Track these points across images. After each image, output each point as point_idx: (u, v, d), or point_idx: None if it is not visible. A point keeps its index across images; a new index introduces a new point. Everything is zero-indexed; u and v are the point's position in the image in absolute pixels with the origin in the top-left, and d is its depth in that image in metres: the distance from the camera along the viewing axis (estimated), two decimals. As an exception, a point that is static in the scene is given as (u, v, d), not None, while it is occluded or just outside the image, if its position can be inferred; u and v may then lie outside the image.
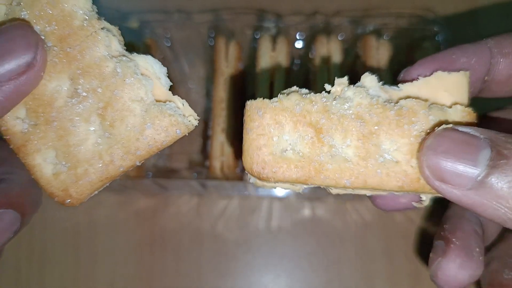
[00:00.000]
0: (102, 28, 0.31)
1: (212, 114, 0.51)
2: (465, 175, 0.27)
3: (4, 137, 0.32)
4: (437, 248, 0.35)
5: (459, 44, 0.36)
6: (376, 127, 0.30)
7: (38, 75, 0.30)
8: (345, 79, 0.31)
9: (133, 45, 0.55)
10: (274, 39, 0.55)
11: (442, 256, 0.33)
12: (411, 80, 0.32)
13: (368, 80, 0.31)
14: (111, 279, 0.63)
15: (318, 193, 0.59)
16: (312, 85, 0.53)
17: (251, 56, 0.62)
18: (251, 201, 0.66)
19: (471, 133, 0.28)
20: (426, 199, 0.33)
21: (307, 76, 0.58)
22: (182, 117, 0.30)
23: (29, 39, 0.29)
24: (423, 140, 0.30)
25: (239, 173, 0.54)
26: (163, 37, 0.61)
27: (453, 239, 0.34)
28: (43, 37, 0.31)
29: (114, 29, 0.32)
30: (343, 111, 0.30)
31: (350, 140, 0.29)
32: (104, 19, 0.31)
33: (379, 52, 0.54)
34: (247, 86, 0.64)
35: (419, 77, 0.32)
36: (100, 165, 0.31)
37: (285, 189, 0.32)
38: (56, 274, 0.63)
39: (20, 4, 0.31)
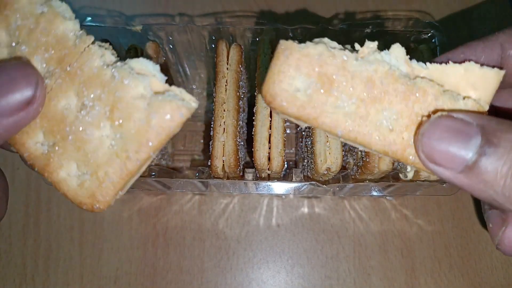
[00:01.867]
0: (93, 43, 0.33)
1: (214, 115, 0.52)
2: (456, 160, 0.29)
3: (28, 162, 0.34)
4: (493, 217, 0.35)
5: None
6: (382, 94, 0.32)
7: (37, 110, 0.32)
8: (374, 44, 0.33)
9: (135, 48, 0.56)
10: (273, 42, 0.56)
11: (504, 224, 0.34)
12: (441, 63, 0.33)
13: (397, 50, 0.33)
14: (115, 276, 0.64)
15: (316, 192, 0.61)
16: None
17: (252, 58, 0.63)
18: (251, 199, 0.67)
19: (464, 119, 0.29)
20: (410, 171, 0.35)
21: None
22: (182, 101, 0.32)
23: (29, 78, 0.31)
24: (420, 125, 0.31)
25: (240, 173, 0.56)
26: (165, 40, 0.62)
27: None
28: (44, 65, 0.33)
29: (105, 44, 0.34)
30: (358, 71, 0.32)
31: (355, 99, 0.32)
32: (94, 37, 0.34)
33: None
34: (248, 88, 0.65)
35: (450, 61, 0.33)
36: (118, 163, 0.33)
37: (290, 121, 0.35)
38: (61, 270, 0.64)
39: (19, 43, 0.33)
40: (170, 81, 0.33)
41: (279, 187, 0.53)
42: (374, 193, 0.54)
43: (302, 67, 0.32)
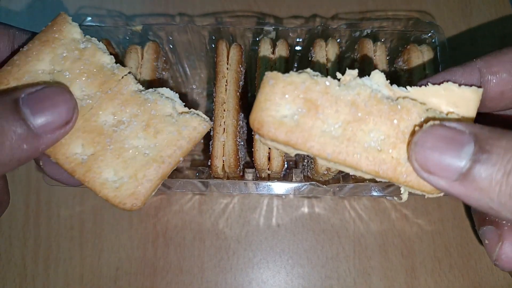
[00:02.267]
0: (128, 73, 0.42)
1: (214, 115, 0.52)
2: (450, 168, 0.29)
3: (68, 170, 0.40)
4: (489, 233, 0.35)
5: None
6: (367, 116, 0.33)
7: (71, 128, 0.38)
8: (355, 72, 0.34)
9: (136, 48, 0.56)
10: (274, 42, 0.56)
11: (500, 240, 0.34)
12: (420, 86, 0.34)
13: (377, 76, 0.34)
14: (115, 276, 0.64)
15: (316, 192, 0.61)
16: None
17: (252, 58, 0.63)
18: (251, 199, 0.67)
19: (457, 128, 0.30)
20: (404, 193, 0.35)
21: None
22: (201, 118, 0.42)
23: (68, 104, 0.37)
24: (412, 135, 0.32)
25: (240, 173, 0.55)
26: (165, 40, 0.62)
27: (503, 222, 0.35)
28: (83, 88, 0.40)
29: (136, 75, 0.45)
30: (342, 96, 0.33)
31: (341, 122, 0.33)
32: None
33: (376, 55, 0.55)
34: (248, 88, 0.65)
35: (429, 83, 0.34)
36: (155, 167, 0.40)
37: (279, 149, 0.36)
38: (61, 270, 0.64)
39: (62, 69, 0.40)
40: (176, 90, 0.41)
41: (279, 187, 0.53)
42: (374, 193, 0.54)
43: (287, 95, 0.33)
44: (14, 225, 0.67)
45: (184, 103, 0.43)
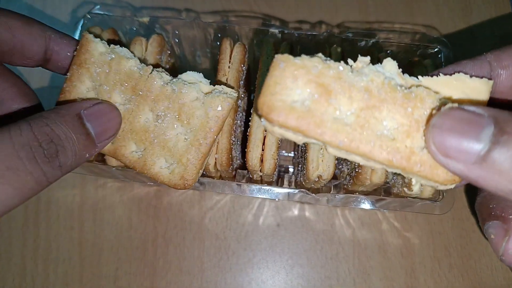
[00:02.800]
0: (152, 71, 0.46)
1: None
2: (468, 150, 0.28)
3: (130, 167, 0.46)
4: (495, 228, 0.35)
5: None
6: (380, 103, 0.32)
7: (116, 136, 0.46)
8: (367, 58, 0.33)
9: (140, 40, 0.56)
10: (278, 45, 0.56)
11: (506, 234, 0.34)
12: (432, 76, 0.33)
13: (389, 64, 0.33)
14: (115, 276, 0.64)
15: (306, 200, 0.60)
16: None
17: (255, 59, 0.63)
18: (250, 199, 0.67)
19: (475, 111, 0.29)
20: (416, 184, 0.35)
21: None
22: (225, 94, 0.45)
23: (118, 119, 0.45)
24: (429, 117, 0.31)
25: (233, 172, 0.55)
26: (171, 33, 0.62)
27: (510, 216, 0.34)
28: (122, 95, 0.46)
29: (160, 69, 0.46)
30: (355, 82, 0.32)
31: (354, 108, 0.32)
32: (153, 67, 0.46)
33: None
34: (251, 88, 0.65)
35: (440, 74, 0.33)
36: (194, 149, 0.45)
37: (287, 138, 0.34)
38: (60, 271, 0.64)
39: (101, 84, 0.46)
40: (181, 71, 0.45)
41: (269, 192, 0.53)
42: (363, 206, 0.53)
43: (298, 79, 0.32)
44: (13, 225, 0.67)
45: (209, 81, 0.46)
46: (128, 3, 0.78)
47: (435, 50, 0.57)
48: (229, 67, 0.53)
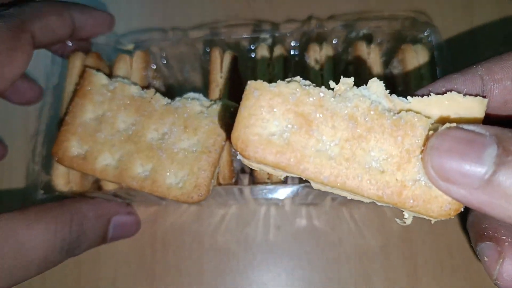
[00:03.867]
0: (155, 93, 0.48)
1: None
2: (471, 174, 0.26)
3: (139, 189, 0.46)
4: (488, 250, 0.32)
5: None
6: (367, 132, 0.29)
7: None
8: (351, 80, 0.30)
9: (125, 57, 0.55)
10: (271, 48, 0.55)
11: (500, 257, 0.31)
12: (422, 95, 0.31)
13: (375, 85, 0.31)
14: (113, 278, 0.64)
15: (312, 199, 0.60)
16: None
17: (248, 66, 0.61)
18: (251, 203, 0.67)
19: (476, 130, 0.27)
20: (409, 217, 0.32)
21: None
22: (226, 104, 0.47)
23: (136, 230, 0.59)
24: (426, 140, 0.29)
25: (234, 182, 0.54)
26: (158, 55, 0.61)
27: (503, 237, 0.32)
28: (125, 119, 0.48)
29: (162, 92, 0.49)
30: (338, 109, 0.29)
31: (338, 139, 0.29)
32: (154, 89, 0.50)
33: (370, 57, 0.53)
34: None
35: (431, 93, 0.31)
36: (205, 158, 0.45)
37: (267, 172, 0.32)
38: (58, 271, 0.63)
39: (104, 112, 0.48)
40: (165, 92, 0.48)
41: (276, 192, 0.52)
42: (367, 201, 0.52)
43: (275, 108, 0.29)
44: (11, 227, 0.66)
45: (208, 99, 0.49)
46: (111, 33, 0.76)
47: (425, 34, 0.56)
48: (221, 77, 0.52)
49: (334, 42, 0.59)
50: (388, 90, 0.31)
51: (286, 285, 0.63)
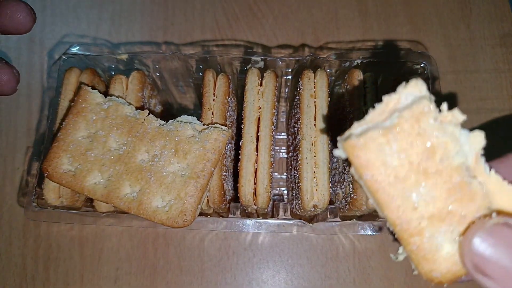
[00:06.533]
0: (148, 114, 0.48)
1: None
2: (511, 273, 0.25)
3: (126, 210, 0.45)
4: None
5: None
6: (434, 172, 0.28)
7: None
8: (463, 117, 0.28)
9: (121, 78, 0.54)
10: (261, 73, 0.54)
11: None
12: (504, 178, 0.29)
13: (477, 140, 0.28)
14: (115, 275, 0.64)
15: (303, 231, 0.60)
16: (300, 120, 0.52)
17: (240, 86, 0.60)
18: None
19: None
20: (401, 255, 0.31)
21: (296, 110, 0.57)
22: (220, 128, 0.47)
23: None
24: (470, 227, 0.28)
25: (226, 206, 0.54)
26: (152, 68, 0.61)
27: None
28: (117, 139, 0.47)
29: (156, 114, 0.48)
30: (427, 133, 0.27)
31: (405, 156, 0.28)
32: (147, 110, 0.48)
33: (366, 86, 0.53)
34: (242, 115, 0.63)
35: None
36: (193, 183, 0.45)
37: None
38: (61, 270, 0.64)
39: (97, 130, 0.48)
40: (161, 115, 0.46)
41: (265, 225, 0.52)
42: (363, 232, 0.51)
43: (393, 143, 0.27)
44: (14, 225, 0.67)
45: (201, 122, 0.48)
46: (105, 40, 0.77)
47: (421, 65, 0.55)
48: (214, 100, 0.51)
49: (328, 70, 0.58)
50: (481, 151, 0.29)
51: (285, 282, 0.64)
